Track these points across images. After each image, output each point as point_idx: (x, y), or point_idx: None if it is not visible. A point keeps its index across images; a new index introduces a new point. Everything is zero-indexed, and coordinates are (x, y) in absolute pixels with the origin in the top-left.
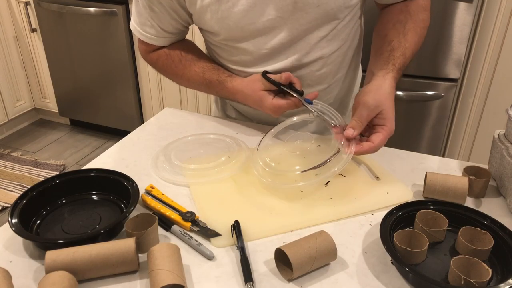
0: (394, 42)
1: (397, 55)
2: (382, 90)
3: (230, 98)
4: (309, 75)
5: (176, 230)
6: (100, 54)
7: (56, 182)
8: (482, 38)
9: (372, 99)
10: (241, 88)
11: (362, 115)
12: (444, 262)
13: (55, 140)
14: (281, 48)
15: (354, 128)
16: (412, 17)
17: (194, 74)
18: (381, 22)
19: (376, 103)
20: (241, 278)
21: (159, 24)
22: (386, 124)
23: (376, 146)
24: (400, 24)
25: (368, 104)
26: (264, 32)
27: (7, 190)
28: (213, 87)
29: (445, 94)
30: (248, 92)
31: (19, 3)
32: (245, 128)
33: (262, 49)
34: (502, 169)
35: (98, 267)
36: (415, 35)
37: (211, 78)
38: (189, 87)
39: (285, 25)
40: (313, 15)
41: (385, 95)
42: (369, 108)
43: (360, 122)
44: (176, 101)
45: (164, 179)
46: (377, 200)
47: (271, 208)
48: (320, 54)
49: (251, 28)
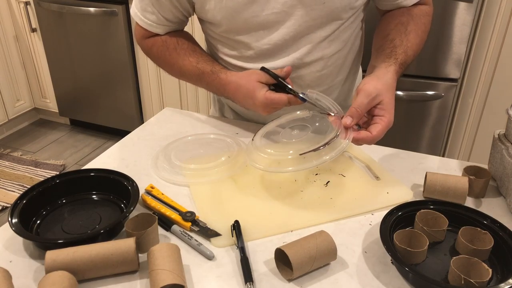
0: (396, 41)
1: (399, 52)
2: (384, 81)
3: (220, 90)
4: (309, 75)
5: (176, 230)
6: (100, 54)
7: (56, 182)
8: (482, 38)
9: (373, 87)
10: (235, 79)
11: (362, 103)
12: (444, 262)
13: (55, 140)
14: (283, 44)
15: (352, 116)
16: (414, 19)
17: (187, 64)
18: (382, 24)
19: (377, 92)
20: (241, 278)
21: (160, 11)
22: (385, 115)
23: (374, 136)
24: (402, 25)
25: (368, 92)
26: (267, 26)
27: (7, 190)
28: (205, 77)
29: (445, 94)
30: (242, 82)
31: (19, 3)
32: (245, 128)
33: (264, 44)
34: (502, 169)
35: (98, 267)
36: (417, 37)
37: (204, 68)
38: (181, 77)
39: (289, 20)
40: (318, 12)
41: (386, 85)
42: (370, 96)
43: (359, 111)
44: (176, 101)
45: (164, 179)
46: (377, 200)
47: (271, 208)
48: (321, 55)
49: (254, 21)
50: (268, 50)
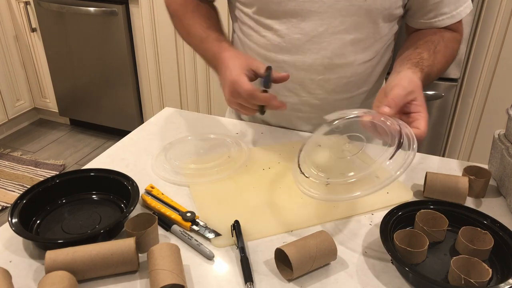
0: (424, 54)
1: (426, 64)
2: (415, 81)
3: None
4: (336, 80)
5: (176, 230)
6: (100, 54)
7: (56, 182)
8: (482, 38)
9: (408, 83)
10: (233, 54)
11: (399, 94)
12: (444, 262)
13: (55, 140)
14: (315, 36)
15: (390, 106)
16: (444, 41)
17: (198, 26)
18: (411, 39)
19: (412, 88)
20: (241, 278)
21: None
22: (423, 112)
23: (423, 132)
24: (432, 44)
25: (404, 86)
26: (301, 13)
27: (7, 190)
28: (208, 41)
29: (445, 94)
30: (233, 58)
31: (19, 3)
32: (245, 128)
33: (295, 33)
34: (502, 169)
35: (98, 267)
36: (443, 58)
37: (211, 34)
38: (187, 36)
39: (325, 12)
40: (357, 9)
41: (418, 85)
42: (406, 90)
43: (397, 101)
44: (176, 101)
45: (164, 179)
46: (377, 200)
47: (271, 208)
48: (353, 59)
49: (289, 4)
50: (299, 41)
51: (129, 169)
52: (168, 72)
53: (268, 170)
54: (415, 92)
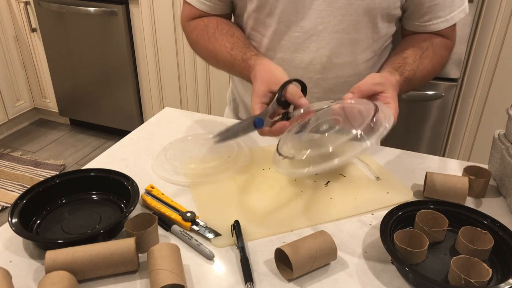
0: (409, 59)
1: (407, 68)
2: (388, 77)
3: (246, 79)
4: (336, 79)
5: (176, 230)
6: (100, 54)
7: (56, 182)
8: (482, 38)
9: (379, 77)
10: (256, 69)
11: (366, 82)
12: (444, 262)
13: (55, 140)
14: (315, 34)
15: (354, 92)
16: (433, 48)
17: (223, 49)
18: (401, 44)
19: (383, 81)
20: (241, 278)
21: None
22: (392, 103)
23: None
24: (420, 49)
25: (374, 77)
26: (300, 11)
27: (7, 190)
28: (236, 66)
29: (445, 94)
30: (258, 76)
31: (19, 3)
32: None
33: (294, 31)
34: (502, 169)
35: (98, 267)
36: (430, 64)
37: (236, 55)
38: (217, 65)
39: (324, 10)
40: (355, 9)
41: (391, 80)
42: (374, 80)
43: (362, 88)
44: (176, 101)
45: (164, 179)
46: (377, 200)
47: (271, 208)
48: (351, 59)
49: (288, 2)
50: (298, 39)
51: (129, 169)
52: (168, 72)
53: (268, 170)
54: (385, 84)
